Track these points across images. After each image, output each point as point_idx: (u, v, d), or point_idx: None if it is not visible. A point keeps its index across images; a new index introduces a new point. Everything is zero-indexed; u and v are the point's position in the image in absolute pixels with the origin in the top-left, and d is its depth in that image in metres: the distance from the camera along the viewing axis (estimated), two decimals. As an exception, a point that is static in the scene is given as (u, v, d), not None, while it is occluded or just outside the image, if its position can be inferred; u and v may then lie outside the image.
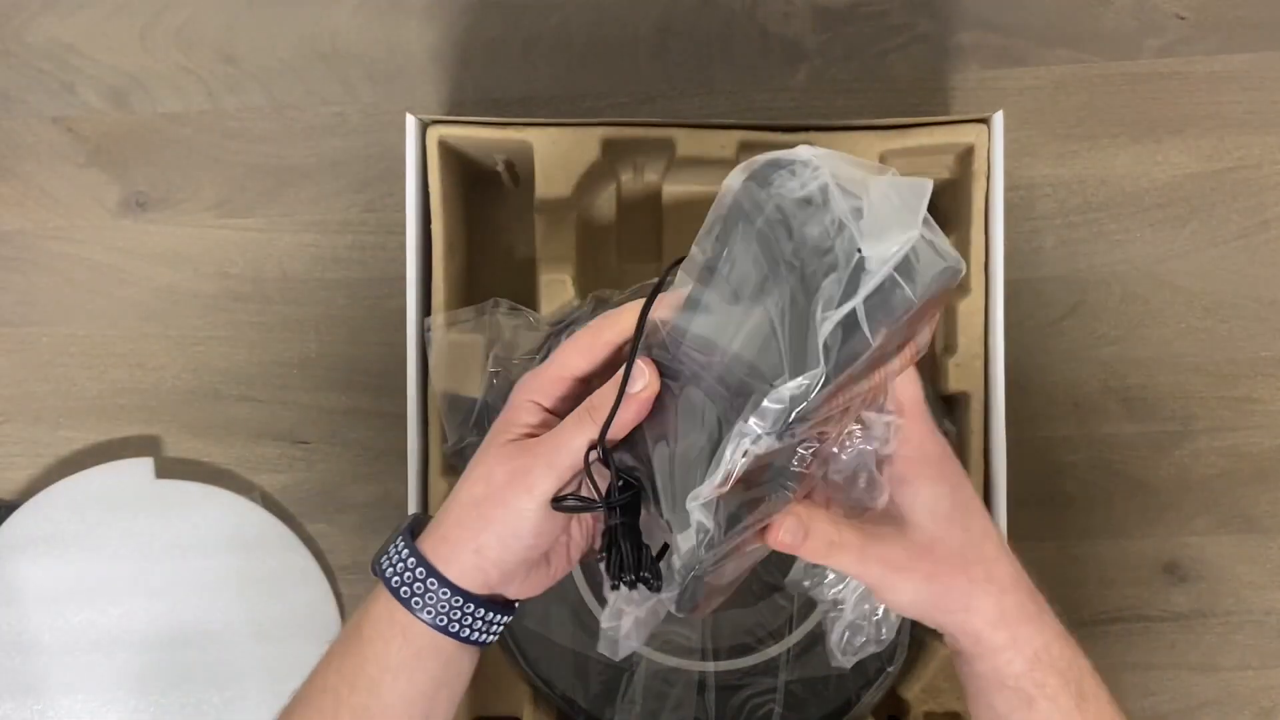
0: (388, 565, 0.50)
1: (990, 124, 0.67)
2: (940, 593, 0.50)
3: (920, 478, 0.50)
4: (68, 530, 0.76)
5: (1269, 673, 0.77)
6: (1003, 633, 0.50)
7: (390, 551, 0.51)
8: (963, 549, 0.50)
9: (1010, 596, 0.50)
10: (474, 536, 0.49)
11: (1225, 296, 0.77)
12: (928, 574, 0.50)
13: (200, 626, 0.76)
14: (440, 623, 0.49)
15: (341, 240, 0.79)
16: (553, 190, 0.69)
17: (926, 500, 0.50)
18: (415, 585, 0.50)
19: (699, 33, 0.78)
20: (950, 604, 0.50)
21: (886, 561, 0.50)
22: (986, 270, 0.68)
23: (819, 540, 0.49)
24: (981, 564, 0.50)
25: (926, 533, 0.50)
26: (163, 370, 0.79)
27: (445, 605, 0.49)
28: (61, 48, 0.79)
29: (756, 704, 0.66)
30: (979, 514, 0.52)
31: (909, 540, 0.50)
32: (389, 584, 0.50)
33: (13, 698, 0.76)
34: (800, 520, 0.48)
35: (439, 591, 0.49)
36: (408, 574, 0.50)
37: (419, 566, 0.49)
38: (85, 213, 0.79)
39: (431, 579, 0.49)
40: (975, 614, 0.50)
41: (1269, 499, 0.77)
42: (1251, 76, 0.78)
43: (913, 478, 0.50)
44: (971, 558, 0.50)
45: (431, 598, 0.49)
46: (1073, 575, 0.77)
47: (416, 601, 0.49)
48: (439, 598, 0.49)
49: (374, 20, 0.79)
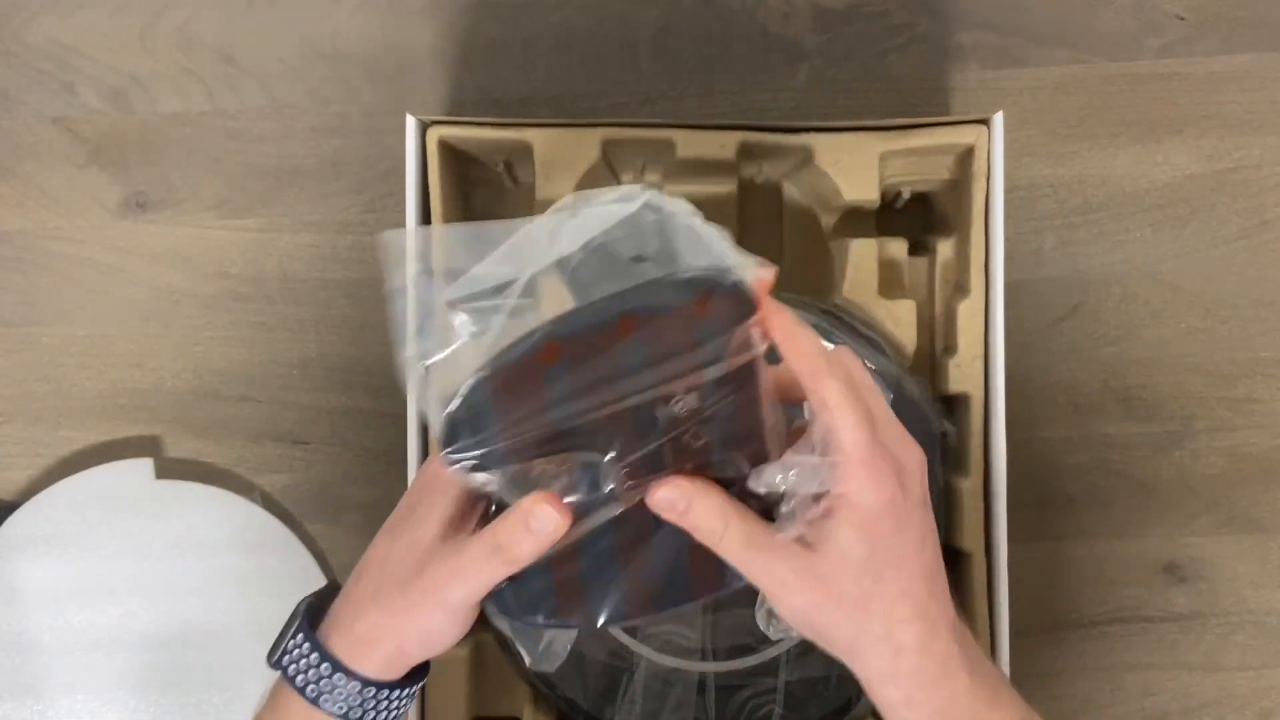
0: (289, 662, 0.50)
1: (990, 124, 0.67)
2: (825, 625, 0.47)
3: (841, 520, 0.46)
4: (68, 530, 0.76)
5: (1269, 673, 0.77)
6: (893, 690, 0.47)
7: (290, 647, 0.50)
8: (863, 599, 0.46)
9: (909, 658, 0.47)
10: (394, 638, 0.49)
11: (1225, 296, 0.77)
12: (812, 602, 0.46)
13: (200, 626, 0.76)
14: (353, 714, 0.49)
15: (341, 240, 0.79)
16: (553, 190, 0.69)
17: (840, 542, 0.46)
18: (322, 682, 0.49)
19: (699, 33, 0.78)
20: (834, 642, 0.47)
21: (772, 574, 0.46)
22: (986, 271, 0.68)
23: (701, 519, 0.46)
24: (882, 620, 0.46)
25: (826, 566, 0.46)
26: (163, 370, 0.79)
27: (357, 697, 0.49)
28: (61, 48, 0.79)
29: (756, 704, 0.66)
30: (906, 572, 0.47)
31: (807, 563, 0.46)
32: (292, 682, 0.49)
33: (13, 698, 0.76)
34: (682, 490, 0.46)
35: (348, 685, 0.49)
36: (311, 670, 0.49)
37: (323, 663, 0.49)
38: (85, 213, 0.79)
39: (339, 674, 0.49)
40: (864, 665, 0.47)
41: (1269, 499, 0.77)
42: (1251, 76, 0.78)
43: (835, 516, 0.46)
44: (873, 610, 0.46)
45: (340, 692, 0.49)
46: (1073, 575, 0.77)
47: (325, 699, 0.49)
48: (348, 691, 0.49)
49: (374, 20, 0.79)
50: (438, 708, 0.69)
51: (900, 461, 0.47)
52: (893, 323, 0.69)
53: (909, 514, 0.47)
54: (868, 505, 0.46)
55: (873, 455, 0.45)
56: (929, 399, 0.68)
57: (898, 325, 0.69)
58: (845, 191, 0.69)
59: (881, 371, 0.65)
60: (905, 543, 0.47)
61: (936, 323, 0.73)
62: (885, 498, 0.46)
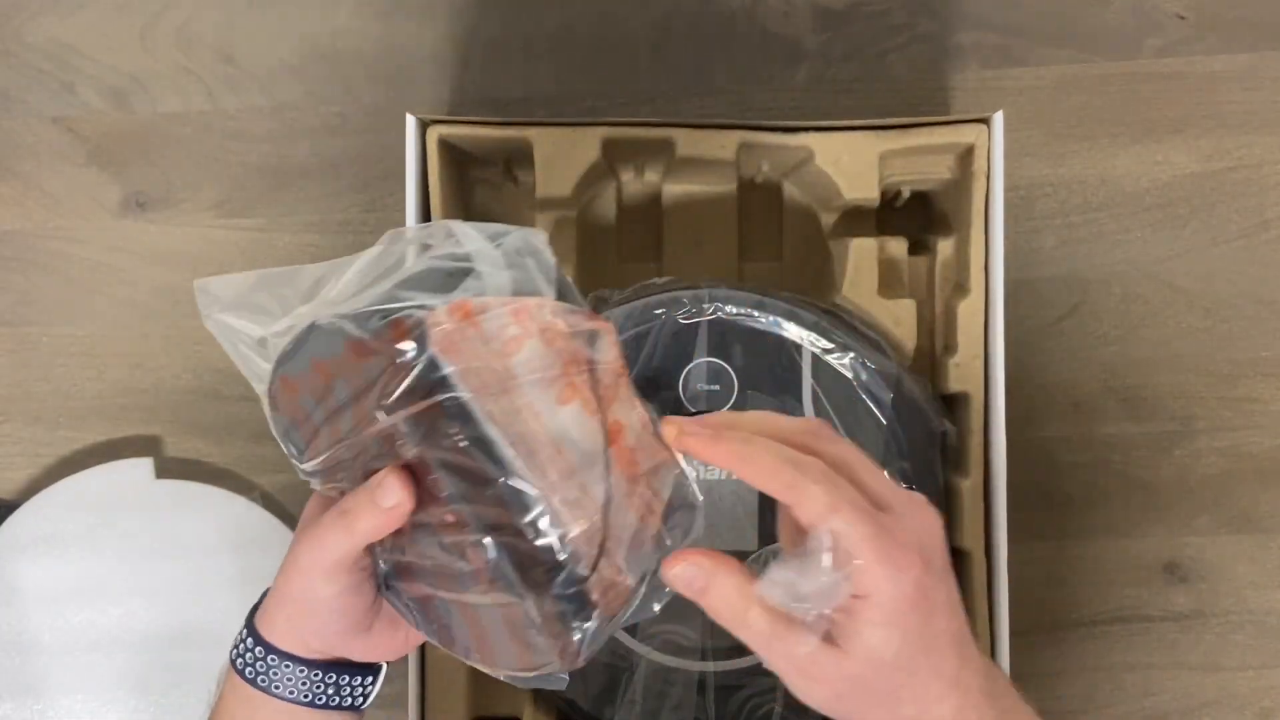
0: (236, 655, 0.51)
1: (990, 124, 0.67)
2: (849, 713, 0.45)
3: (867, 621, 0.43)
4: (68, 530, 0.76)
5: (1269, 673, 0.77)
6: None
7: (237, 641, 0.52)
8: (896, 690, 0.44)
9: None
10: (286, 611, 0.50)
11: (1225, 296, 0.77)
12: (838, 695, 0.44)
13: (200, 626, 0.76)
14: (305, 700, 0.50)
15: (341, 240, 0.79)
16: (553, 190, 0.69)
17: (868, 642, 0.43)
18: (264, 669, 0.50)
19: (699, 33, 0.78)
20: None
21: (796, 668, 0.44)
22: (986, 270, 0.68)
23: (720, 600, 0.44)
24: (915, 704, 0.44)
25: (855, 666, 0.43)
26: (163, 370, 0.79)
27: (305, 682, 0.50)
28: (61, 48, 0.79)
29: (756, 703, 0.66)
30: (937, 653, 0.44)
31: (834, 661, 0.43)
32: (242, 674, 0.51)
33: (13, 698, 0.76)
34: (701, 570, 0.44)
35: (291, 670, 0.50)
36: (250, 656, 0.51)
37: (257, 646, 0.50)
38: (85, 213, 0.79)
39: (272, 656, 0.50)
40: None
41: (1269, 499, 0.77)
42: (1251, 76, 0.78)
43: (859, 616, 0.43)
44: (905, 698, 0.44)
45: (287, 677, 0.50)
46: (1073, 575, 0.77)
47: (277, 687, 0.50)
48: (293, 676, 0.50)
49: (374, 20, 0.79)
50: (438, 708, 0.69)
51: (919, 537, 0.44)
52: (892, 322, 0.69)
53: (935, 594, 0.44)
54: (893, 603, 0.43)
55: (888, 548, 0.42)
56: (929, 398, 0.68)
57: (897, 324, 0.69)
58: (845, 191, 0.69)
59: (881, 371, 0.65)
60: (934, 626, 0.44)
61: (936, 322, 0.73)
62: (909, 589, 0.43)
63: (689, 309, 0.65)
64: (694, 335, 0.65)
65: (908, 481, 0.65)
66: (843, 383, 0.65)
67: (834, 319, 0.67)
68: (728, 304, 0.65)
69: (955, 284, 0.72)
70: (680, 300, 0.65)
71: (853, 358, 0.65)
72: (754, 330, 0.65)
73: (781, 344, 0.65)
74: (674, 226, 0.76)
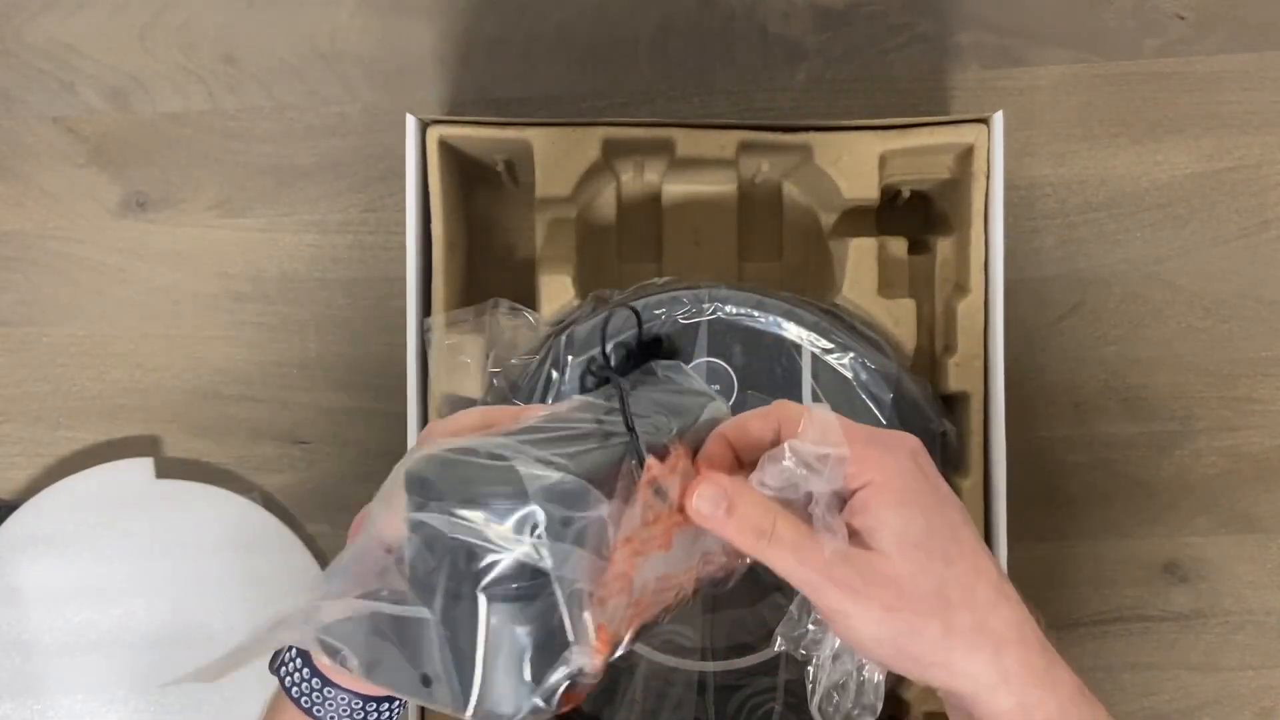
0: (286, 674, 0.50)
1: (990, 124, 0.67)
2: (907, 634, 0.41)
3: (881, 504, 0.41)
4: (68, 530, 0.76)
5: (1269, 673, 0.77)
6: (1004, 698, 0.41)
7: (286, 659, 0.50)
8: (941, 587, 0.41)
9: (1012, 652, 0.41)
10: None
11: (1225, 296, 0.77)
12: (887, 605, 0.40)
13: (200, 626, 0.76)
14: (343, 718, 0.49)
15: (341, 240, 0.79)
16: (553, 190, 0.69)
17: (893, 525, 0.41)
18: (314, 694, 0.49)
19: (699, 33, 0.78)
20: (922, 653, 0.41)
21: (832, 575, 0.40)
22: (986, 270, 0.68)
23: (745, 522, 0.41)
24: (969, 609, 0.41)
25: (891, 562, 0.41)
26: (163, 370, 0.79)
27: (346, 708, 0.49)
28: (61, 48, 0.79)
29: (756, 703, 0.66)
30: (968, 547, 0.42)
31: (868, 561, 0.41)
32: (289, 693, 0.50)
33: (13, 698, 0.76)
34: (722, 489, 0.41)
35: (338, 697, 0.49)
36: (305, 683, 0.50)
37: (314, 677, 0.49)
38: (85, 213, 0.79)
39: (329, 688, 0.49)
40: (963, 674, 0.41)
41: (1269, 499, 0.77)
42: (1251, 76, 0.78)
43: (873, 504, 0.41)
44: (955, 599, 0.41)
45: (332, 704, 0.49)
46: (1073, 575, 0.77)
47: (318, 709, 0.49)
48: (338, 703, 0.49)
49: (374, 20, 0.79)
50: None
51: (904, 441, 0.43)
52: (892, 322, 0.69)
53: (939, 485, 0.43)
54: (899, 479, 0.41)
55: (877, 435, 0.43)
56: (929, 398, 0.68)
57: (897, 324, 0.69)
58: (845, 190, 0.69)
59: (881, 371, 0.65)
60: (952, 513, 0.42)
61: (936, 322, 0.73)
62: (908, 464, 0.42)
63: (689, 309, 0.65)
64: (694, 335, 0.65)
65: (908, 481, 0.65)
66: (842, 383, 0.65)
67: (834, 319, 0.67)
68: (727, 304, 0.65)
69: (955, 284, 0.72)
70: (680, 300, 0.65)
71: (852, 358, 0.65)
72: (754, 330, 0.65)
73: (781, 344, 0.65)
74: (674, 226, 0.76)
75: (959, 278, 0.71)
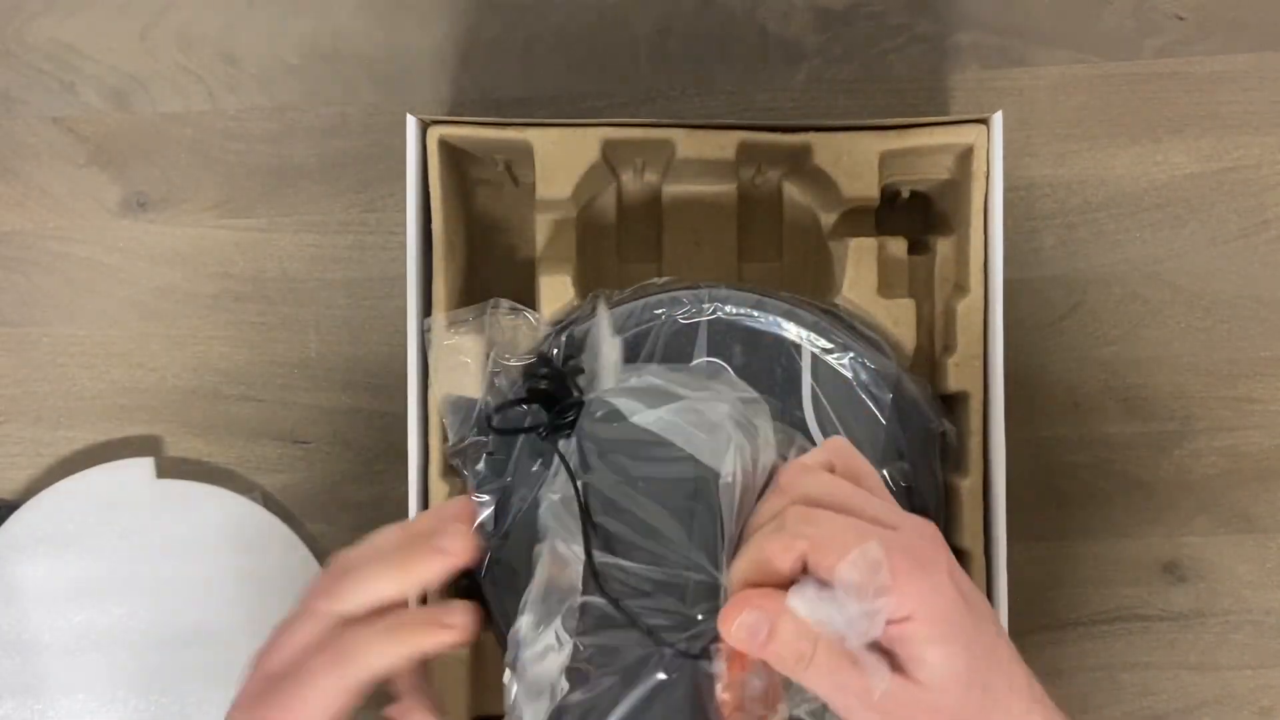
0: None
1: (990, 124, 0.67)
2: None
3: (925, 640, 0.41)
4: (68, 530, 0.76)
5: (1268, 672, 0.77)
6: None
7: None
8: (981, 714, 0.42)
9: None
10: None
11: (1225, 296, 0.77)
12: None
13: (200, 626, 0.76)
14: None
15: (341, 240, 0.79)
16: (553, 190, 0.69)
17: (936, 662, 0.41)
18: None
19: (699, 33, 0.78)
20: None
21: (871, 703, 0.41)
22: (986, 270, 0.68)
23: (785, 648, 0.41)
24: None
25: (933, 695, 0.41)
26: (163, 370, 0.79)
27: None
28: (61, 48, 0.79)
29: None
30: (1004, 666, 0.43)
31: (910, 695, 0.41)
32: None
33: (13, 697, 0.76)
34: (765, 615, 0.42)
35: None
36: None
37: None
38: (85, 213, 0.79)
39: None
40: None
41: (1269, 499, 0.77)
42: (1251, 76, 0.78)
43: (917, 639, 0.41)
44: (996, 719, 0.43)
45: None
46: (1072, 575, 0.77)
47: None
48: None
49: (374, 20, 0.79)
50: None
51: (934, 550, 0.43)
52: (892, 322, 0.69)
53: (973, 599, 0.43)
54: (942, 613, 0.42)
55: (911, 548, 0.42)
56: (929, 398, 0.68)
57: (897, 324, 0.69)
58: (845, 191, 0.69)
59: (881, 370, 0.65)
60: (988, 633, 0.43)
61: (936, 322, 0.73)
62: (951, 598, 0.42)
63: (689, 309, 0.65)
64: (694, 335, 0.65)
65: (908, 481, 0.65)
66: (842, 382, 0.65)
67: (833, 319, 0.67)
68: (727, 304, 0.65)
69: (955, 284, 0.72)
70: (680, 300, 0.65)
71: (852, 357, 0.65)
72: (753, 330, 0.65)
73: (781, 344, 0.65)
74: (674, 227, 0.76)
75: (959, 277, 0.71)
